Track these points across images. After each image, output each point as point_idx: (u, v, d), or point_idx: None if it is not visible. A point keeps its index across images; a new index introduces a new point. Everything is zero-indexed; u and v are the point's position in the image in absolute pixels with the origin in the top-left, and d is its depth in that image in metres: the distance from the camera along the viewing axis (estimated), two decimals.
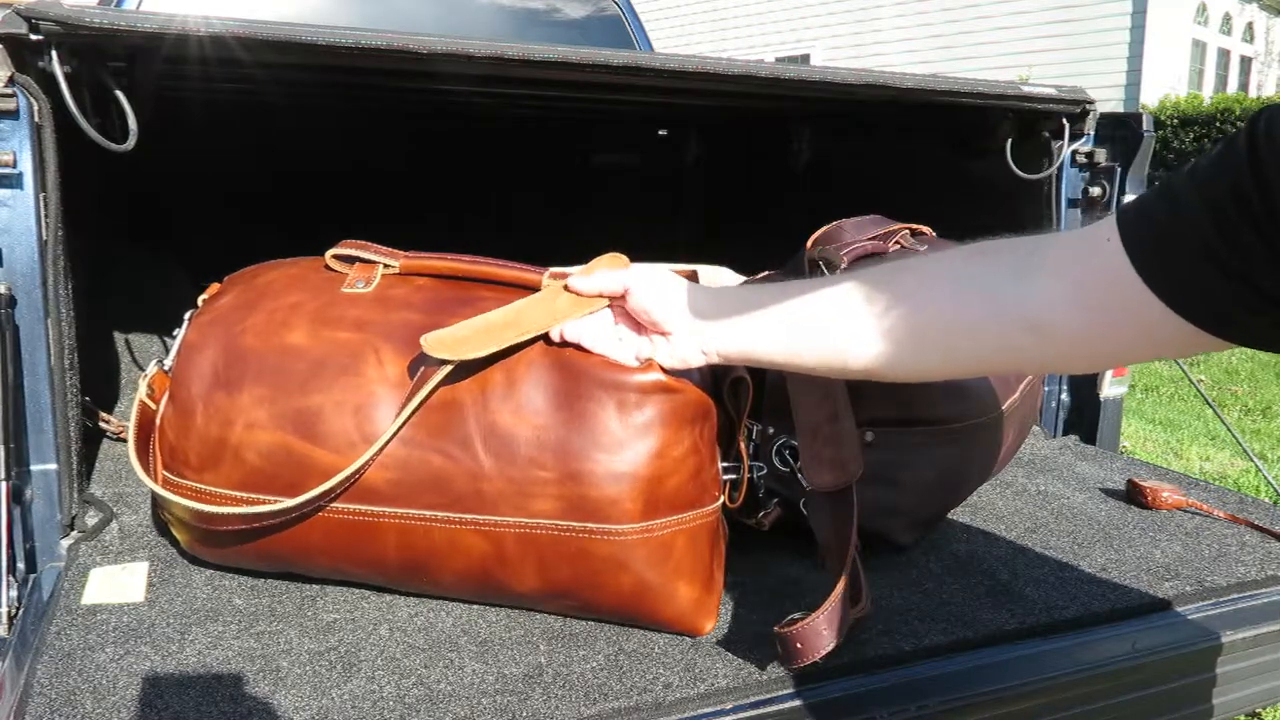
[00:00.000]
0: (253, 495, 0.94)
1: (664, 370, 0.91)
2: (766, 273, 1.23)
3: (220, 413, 0.95)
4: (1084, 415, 1.67)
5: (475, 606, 1.00)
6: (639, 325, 0.91)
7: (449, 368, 0.90)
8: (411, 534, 0.92)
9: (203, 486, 0.95)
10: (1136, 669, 0.98)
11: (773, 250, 1.45)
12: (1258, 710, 1.64)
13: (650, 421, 0.90)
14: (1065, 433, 1.69)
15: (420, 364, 0.92)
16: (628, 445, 0.90)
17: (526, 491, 0.90)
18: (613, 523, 0.89)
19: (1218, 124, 6.82)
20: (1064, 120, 1.50)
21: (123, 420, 1.38)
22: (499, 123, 2.57)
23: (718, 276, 1.92)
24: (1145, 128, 1.52)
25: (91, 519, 1.15)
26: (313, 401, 0.93)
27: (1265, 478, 1.77)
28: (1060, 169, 1.55)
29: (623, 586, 0.91)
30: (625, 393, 0.90)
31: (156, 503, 1.10)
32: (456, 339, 0.90)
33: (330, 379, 0.94)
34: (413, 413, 0.91)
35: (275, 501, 0.93)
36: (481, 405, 0.91)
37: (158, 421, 1.00)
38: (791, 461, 1.08)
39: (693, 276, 0.99)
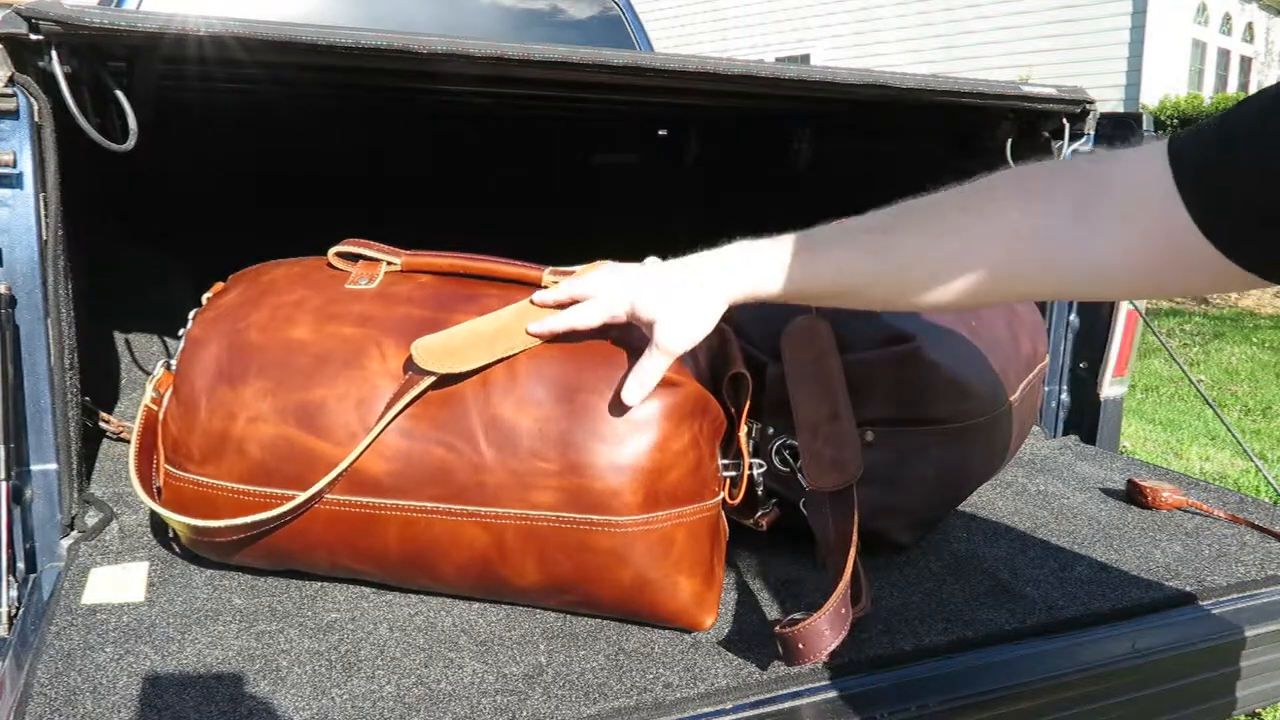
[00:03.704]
0: (254, 488, 0.94)
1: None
2: None
3: (223, 406, 0.95)
4: (1084, 415, 1.67)
5: (475, 605, 1.00)
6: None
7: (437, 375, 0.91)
8: (413, 526, 0.92)
9: (205, 479, 0.95)
10: (1136, 669, 0.98)
11: None
12: (1258, 710, 1.64)
13: (651, 414, 0.90)
14: (1065, 433, 1.69)
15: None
16: (628, 438, 0.90)
17: (528, 483, 0.90)
18: (613, 515, 0.89)
19: None
20: (1064, 120, 1.50)
21: (123, 420, 1.38)
22: (499, 123, 2.57)
23: None
24: (1145, 128, 1.52)
25: (91, 519, 1.15)
26: (315, 395, 0.93)
27: (1265, 478, 1.77)
28: None
29: (623, 580, 0.91)
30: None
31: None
32: (447, 349, 0.91)
33: (333, 373, 0.94)
34: (397, 414, 0.91)
35: (272, 505, 0.93)
36: (484, 398, 0.92)
37: (160, 416, 1.01)
38: (791, 461, 1.08)
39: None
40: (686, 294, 0.85)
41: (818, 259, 0.80)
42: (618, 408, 0.90)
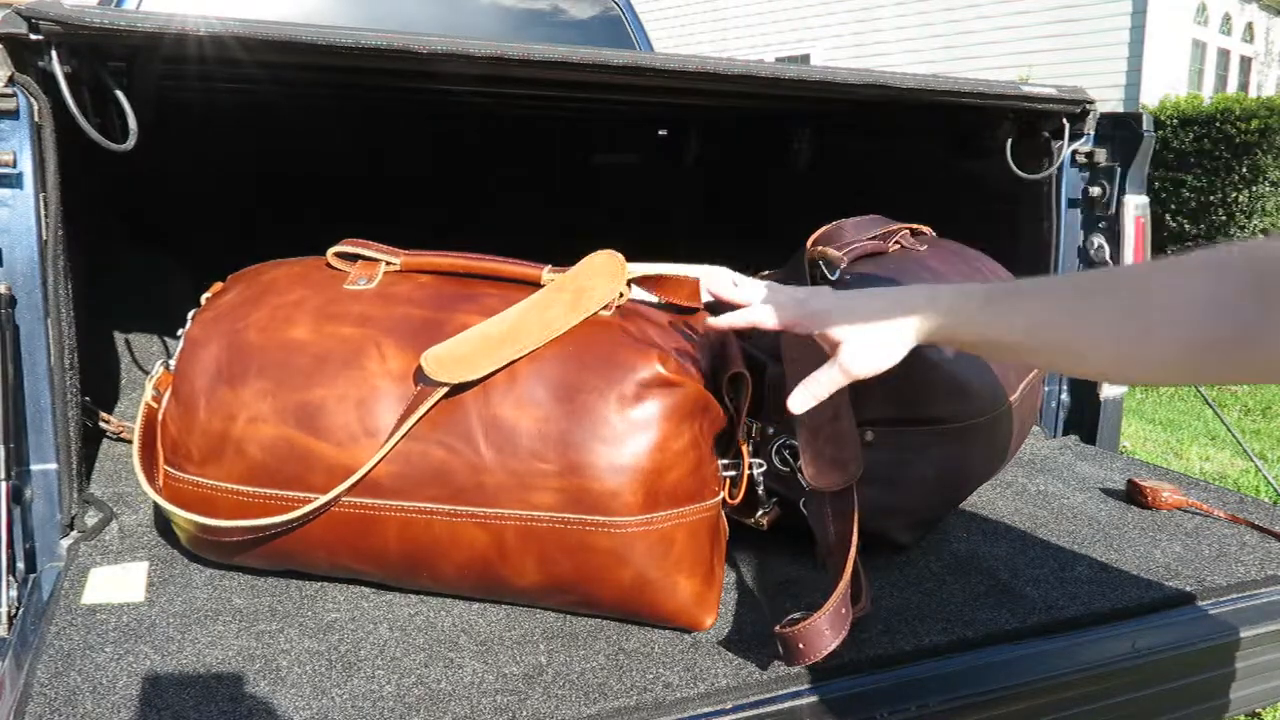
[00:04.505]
0: (254, 489, 0.94)
1: (665, 364, 0.91)
2: (767, 272, 1.23)
3: (223, 407, 0.95)
4: (1084, 415, 1.67)
5: (475, 605, 1.00)
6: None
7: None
8: (412, 527, 0.92)
9: (204, 480, 0.95)
10: (1136, 669, 0.98)
11: (773, 250, 1.45)
12: (1257, 710, 1.64)
13: (651, 415, 0.90)
14: (1065, 433, 1.69)
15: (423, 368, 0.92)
16: (628, 438, 0.90)
17: (527, 484, 0.90)
18: (613, 515, 0.89)
19: (1218, 124, 6.79)
20: (1064, 120, 1.50)
21: (123, 420, 1.38)
22: (499, 123, 2.57)
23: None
24: (1145, 128, 1.52)
25: (91, 519, 1.15)
26: (315, 395, 0.93)
27: (1265, 478, 1.77)
28: (1060, 169, 1.55)
29: (623, 580, 0.91)
30: (626, 386, 0.91)
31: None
32: (456, 358, 0.91)
33: (333, 373, 0.94)
34: (411, 426, 0.91)
35: (271, 505, 0.93)
36: (484, 399, 0.92)
37: (160, 416, 1.01)
38: (791, 461, 1.08)
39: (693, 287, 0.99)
40: (880, 324, 0.86)
41: (1010, 310, 0.80)
42: (619, 408, 0.90)
